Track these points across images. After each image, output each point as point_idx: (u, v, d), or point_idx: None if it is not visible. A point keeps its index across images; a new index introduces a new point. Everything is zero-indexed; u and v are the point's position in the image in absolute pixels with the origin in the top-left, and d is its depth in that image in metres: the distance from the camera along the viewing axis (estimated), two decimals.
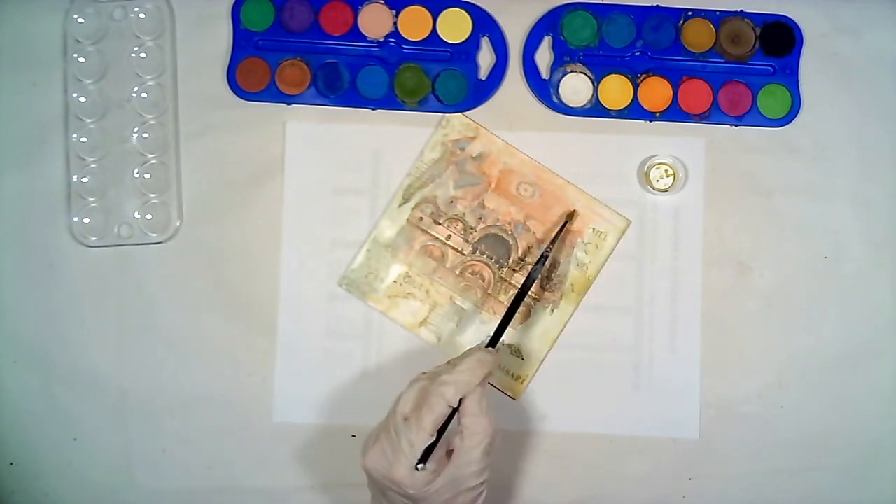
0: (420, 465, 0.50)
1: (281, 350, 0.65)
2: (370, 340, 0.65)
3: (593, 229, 0.65)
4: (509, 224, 0.65)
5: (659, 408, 0.64)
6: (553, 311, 0.64)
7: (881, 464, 0.64)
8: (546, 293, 0.64)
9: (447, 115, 0.65)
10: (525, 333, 0.64)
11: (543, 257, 0.61)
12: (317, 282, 0.65)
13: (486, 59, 0.66)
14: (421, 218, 0.65)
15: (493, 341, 0.56)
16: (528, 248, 0.65)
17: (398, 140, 0.66)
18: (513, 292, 0.64)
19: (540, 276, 0.63)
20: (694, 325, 0.64)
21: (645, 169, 0.65)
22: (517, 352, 0.64)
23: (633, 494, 0.64)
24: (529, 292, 0.64)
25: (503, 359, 0.64)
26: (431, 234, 0.65)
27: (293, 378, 0.65)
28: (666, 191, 0.65)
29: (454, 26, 0.66)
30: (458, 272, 0.65)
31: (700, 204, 0.65)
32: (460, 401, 0.51)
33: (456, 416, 0.51)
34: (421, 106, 0.65)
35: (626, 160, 0.65)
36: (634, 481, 0.64)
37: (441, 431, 0.51)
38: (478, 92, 0.65)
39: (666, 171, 0.64)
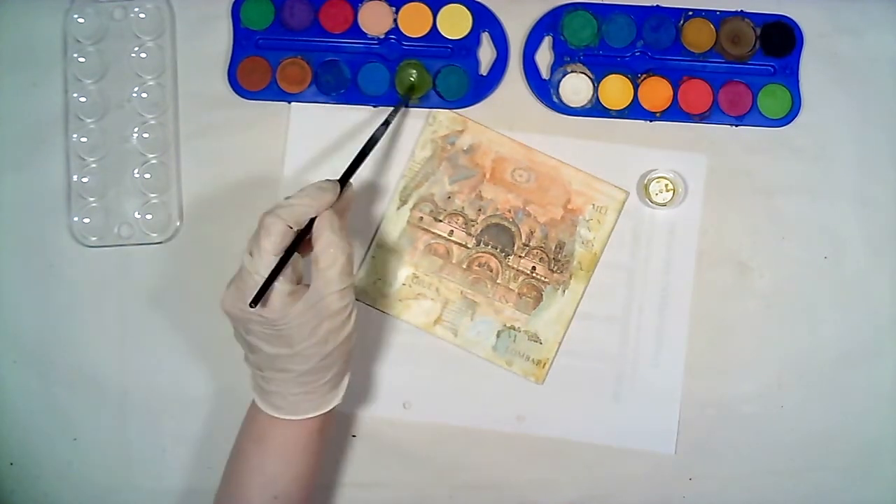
0: (253, 303, 0.49)
1: None
2: (377, 339, 0.65)
3: (593, 205, 0.65)
4: (509, 212, 0.65)
5: (638, 421, 0.64)
6: (564, 291, 0.64)
7: (881, 464, 0.64)
8: (555, 275, 0.64)
9: (433, 111, 0.65)
10: (539, 317, 0.64)
11: (386, 122, 0.59)
12: None
13: (486, 54, 0.66)
14: (421, 217, 0.65)
15: (344, 177, 0.54)
16: (532, 232, 0.64)
17: (400, 128, 0.65)
18: (522, 279, 0.64)
19: (548, 259, 0.63)
20: (680, 339, 0.64)
21: (645, 182, 0.64)
22: (535, 336, 0.64)
23: (633, 494, 0.64)
24: (538, 275, 0.63)
25: (522, 346, 0.64)
26: (433, 233, 0.65)
27: None
28: (665, 205, 0.64)
29: (454, 22, 0.66)
30: (465, 266, 0.65)
31: (696, 220, 0.64)
32: (311, 228, 0.50)
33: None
34: (422, 102, 0.65)
35: (625, 171, 0.65)
36: (634, 481, 0.64)
37: (286, 258, 0.50)
38: (479, 87, 0.65)
39: (666, 185, 0.64)
